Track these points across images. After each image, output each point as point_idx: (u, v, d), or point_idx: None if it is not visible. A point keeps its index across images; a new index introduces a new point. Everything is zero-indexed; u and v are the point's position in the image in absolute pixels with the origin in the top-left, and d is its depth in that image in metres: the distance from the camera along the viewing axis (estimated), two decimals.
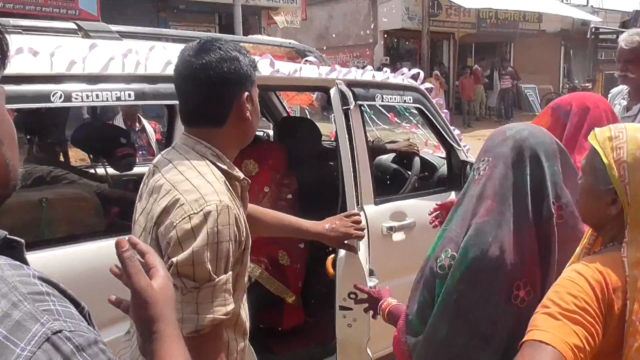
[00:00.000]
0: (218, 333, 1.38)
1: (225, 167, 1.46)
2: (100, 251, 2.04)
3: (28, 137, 3.54)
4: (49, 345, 0.59)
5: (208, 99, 1.44)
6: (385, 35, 19.87)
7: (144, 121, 5.01)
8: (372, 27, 19.65)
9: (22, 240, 0.73)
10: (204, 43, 1.44)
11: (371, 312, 2.11)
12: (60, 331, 0.60)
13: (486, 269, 1.51)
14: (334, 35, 20.60)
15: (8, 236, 0.71)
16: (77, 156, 4.42)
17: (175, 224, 1.32)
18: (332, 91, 2.25)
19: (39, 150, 3.12)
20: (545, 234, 1.52)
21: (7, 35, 0.74)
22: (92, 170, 3.59)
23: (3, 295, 0.60)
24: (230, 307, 1.37)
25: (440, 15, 19.46)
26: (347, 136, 2.20)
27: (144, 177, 1.56)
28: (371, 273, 2.31)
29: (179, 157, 1.44)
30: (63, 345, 0.60)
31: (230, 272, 1.37)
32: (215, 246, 1.32)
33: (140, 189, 1.57)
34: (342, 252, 2.11)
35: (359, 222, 2.07)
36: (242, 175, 1.51)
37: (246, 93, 1.46)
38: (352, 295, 2.12)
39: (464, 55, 21.57)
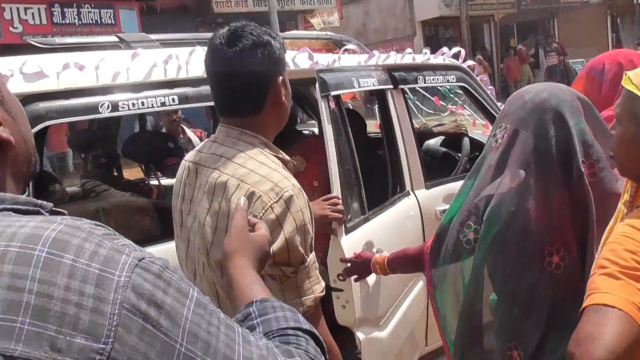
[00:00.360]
0: (319, 310, 1.41)
1: (272, 152, 1.44)
2: None
3: (82, 155, 3.67)
4: (139, 269, 0.69)
5: (246, 88, 1.41)
6: (424, 26, 19.64)
7: (188, 132, 5.03)
8: (409, 18, 19.47)
9: (66, 212, 0.79)
10: (234, 30, 1.41)
11: (360, 292, 2.10)
12: (143, 258, 0.70)
13: (512, 239, 1.48)
14: (371, 32, 20.51)
15: (54, 208, 0.77)
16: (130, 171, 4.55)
17: (258, 217, 1.29)
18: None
19: (93, 166, 3.22)
20: (579, 195, 1.44)
21: None
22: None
23: (84, 239, 0.68)
24: (323, 282, 1.39)
25: None
26: (330, 125, 2.17)
27: (181, 176, 1.54)
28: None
29: (231, 151, 1.41)
30: (151, 267, 0.70)
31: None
32: (303, 228, 1.33)
33: (180, 190, 1.53)
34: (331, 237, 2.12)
35: (336, 204, 2.04)
36: (288, 157, 1.49)
37: (280, 77, 1.43)
38: (341, 278, 2.11)
39: (506, 37, 21.08)
